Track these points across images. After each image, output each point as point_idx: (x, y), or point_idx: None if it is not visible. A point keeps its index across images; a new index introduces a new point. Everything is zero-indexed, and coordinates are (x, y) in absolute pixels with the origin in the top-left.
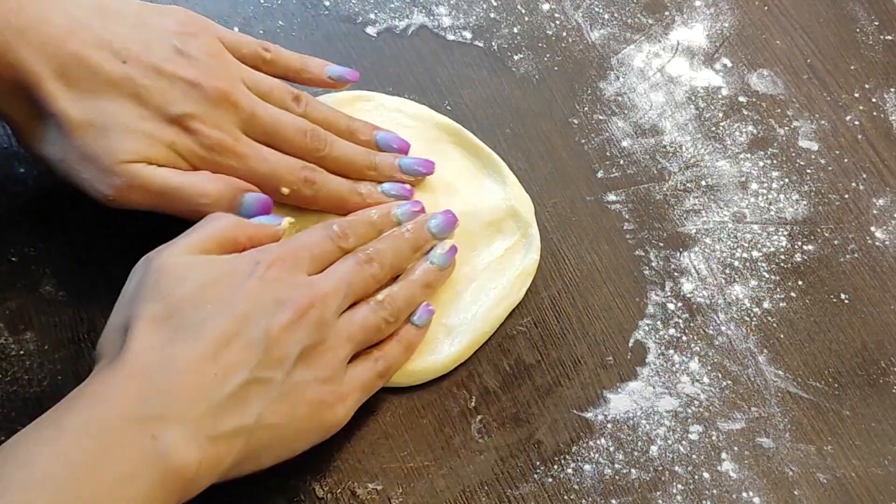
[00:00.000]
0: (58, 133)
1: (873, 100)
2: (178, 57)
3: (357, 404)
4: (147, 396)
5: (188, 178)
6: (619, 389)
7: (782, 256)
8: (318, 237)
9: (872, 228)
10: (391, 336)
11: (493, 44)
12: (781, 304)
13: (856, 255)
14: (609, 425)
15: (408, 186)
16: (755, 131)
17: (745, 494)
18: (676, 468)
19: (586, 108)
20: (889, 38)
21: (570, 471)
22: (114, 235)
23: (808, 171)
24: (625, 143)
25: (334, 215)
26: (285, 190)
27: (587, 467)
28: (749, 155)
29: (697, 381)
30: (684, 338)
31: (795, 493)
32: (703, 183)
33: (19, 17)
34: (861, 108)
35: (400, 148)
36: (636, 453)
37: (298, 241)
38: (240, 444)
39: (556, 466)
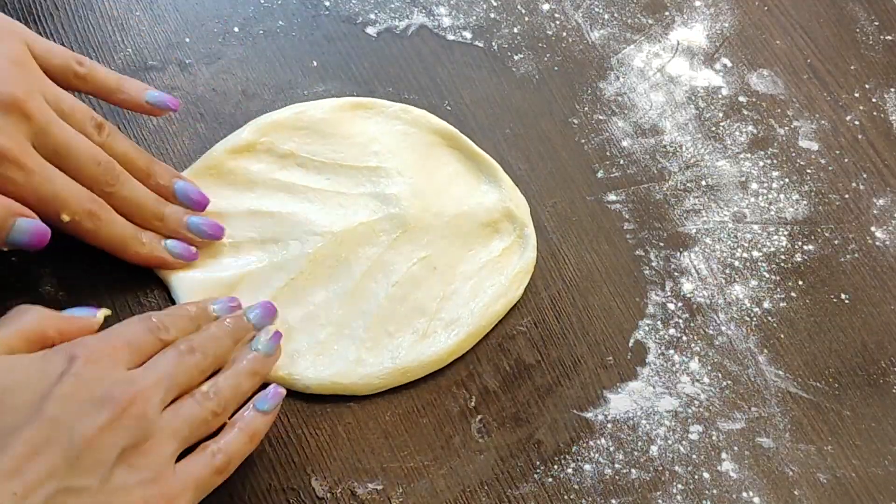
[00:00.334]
0: None
1: (873, 100)
2: None
3: (194, 502)
4: None
5: None
6: (619, 389)
7: (782, 256)
8: (137, 329)
9: (872, 228)
10: (228, 425)
11: (493, 44)
12: (781, 304)
13: (856, 255)
14: (609, 425)
15: (193, 249)
16: (755, 131)
17: (745, 494)
18: (676, 468)
19: (586, 108)
20: (889, 38)
21: (570, 471)
22: None
23: (809, 171)
24: (625, 143)
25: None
26: (66, 217)
27: (587, 467)
28: (749, 155)
29: (697, 381)
30: (684, 338)
31: (795, 493)
32: (704, 183)
33: None
34: (861, 108)
35: (197, 202)
36: (636, 453)
37: (115, 333)
38: None
39: (556, 466)
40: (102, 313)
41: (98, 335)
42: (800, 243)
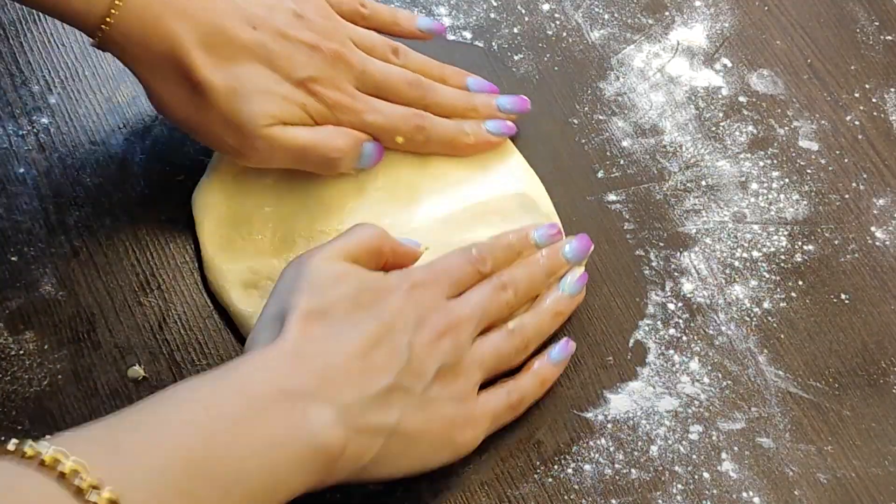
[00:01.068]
0: (201, 100)
1: (873, 100)
2: (296, 20)
3: (486, 432)
4: (302, 375)
5: (319, 134)
6: (619, 389)
7: (782, 256)
8: (458, 262)
9: (873, 228)
10: (525, 369)
11: (493, 44)
12: (782, 304)
13: (856, 255)
14: (609, 425)
15: (510, 124)
16: (755, 131)
17: (745, 494)
18: (676, 468)
19: (586, 108)
20: (889, 38)
21: (570, 471)
22: (114, 235)
23: (809, 171)
24: (625, 143)
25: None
26: (400, 139)
27: (587, 467)
28: (749, 155)
29: (697, 381)
30: (684, 338)
31: (795, 493)
32: (704, 183)
33: None
34: (861, 108)
35: (490, 90)
36: (636, 453)
37: (440, 265)
38: (380, 442)
39: (556, 466)
40: (424, 247)
41: (424, 266)
42: (800, 243)
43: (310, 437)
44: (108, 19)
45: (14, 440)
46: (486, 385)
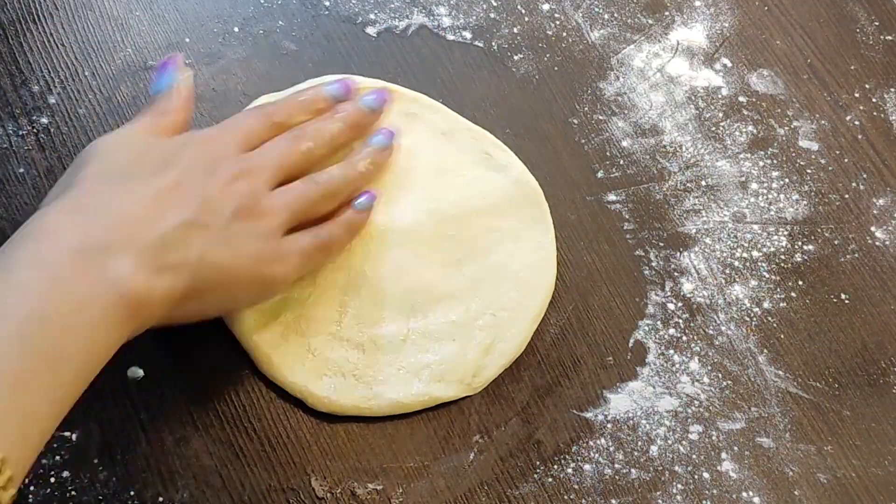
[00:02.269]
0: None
1: (873, 100)
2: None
3: (297, 270)
4: (91, 230)
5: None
6: (619, 389)
7: (782, 256)
8: (251, 117)
9: (872, 228)
10: (331, 220)
11: (493, 44)
12: (781, 304)
13: (856, 255)
14: (609, 425)
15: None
16: (755, 131)
17: (745, 494)
18: (676, 468)
19: (586, 108)
20: (889, 38)
21: (570, 471)
22: None
23: (808, 171)
24: (625, 143)
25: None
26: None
27: (587, 467)
28: (749, 155)
29: (697, 381)
30: (684, 338)
31: (795, 493)
32: (703, 183)
33: None
34: (861, 108)
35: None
36: (636, 453)
37: (230, 121)
38: (185, 277)
39: (556, 466)
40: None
41: (214, 126)
42: (800, 243)
43: (114, 288)
44: None
45: None
46: None
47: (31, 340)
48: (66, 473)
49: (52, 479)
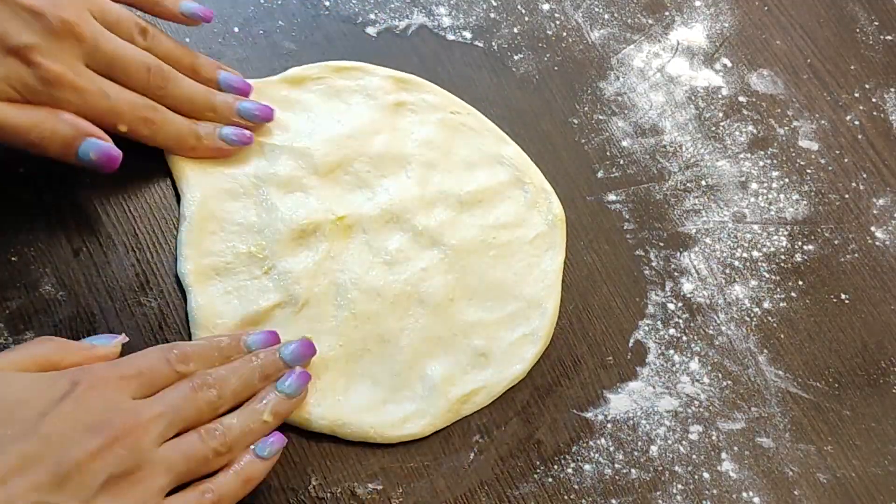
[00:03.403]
0: None
1: (873, 100)
2: None
3: None
4: None
5: (27, 116)
6: (619, 389)
7: (782, 256)
8: (153, 358)
9: (872, 228)
10: (227, 468)
11: (493, 44)
12: (781, 304)
13: (856, 255)
14: (609, 425)
15: (248, 133)
16: (755, 131)
17: (745, 494)
18: (676, 468)
19: (586, 108)
20: (889, 38)
21: (570, 471)
22: (114, 235)
23: (808, 171)
24: (625, 143)
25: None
26: (123, 128)
27: (587, 467)
28: (749, 155)
29: (697, 381)
30: (684, 338)
31: (795, 493)
32: (703, 183)
33: None
34: (861, 108)
35: (240, 89)
36: (636, 453)
37: (128, 361)
38: None
39: (556, 466)
40: (119, 341)
41: (109, 362)
42: (800, 243)
43: None
44: None
45: None
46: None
47: None
48: None
49: None
